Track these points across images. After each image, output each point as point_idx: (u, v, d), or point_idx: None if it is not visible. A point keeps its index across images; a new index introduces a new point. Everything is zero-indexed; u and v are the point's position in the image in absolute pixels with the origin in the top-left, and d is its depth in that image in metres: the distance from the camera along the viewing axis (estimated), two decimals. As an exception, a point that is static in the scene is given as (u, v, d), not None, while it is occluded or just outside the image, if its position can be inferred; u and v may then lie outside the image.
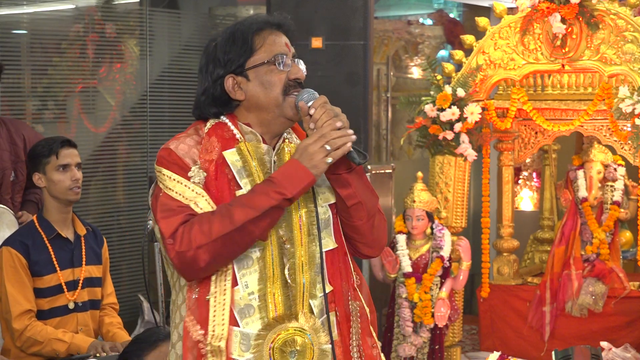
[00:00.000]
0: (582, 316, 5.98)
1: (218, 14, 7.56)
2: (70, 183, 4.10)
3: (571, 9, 5.61)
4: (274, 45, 2.59)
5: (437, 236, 5.65)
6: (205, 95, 2.63)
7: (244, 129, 2.59)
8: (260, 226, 2.44)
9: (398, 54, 8.59)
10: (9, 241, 4.16)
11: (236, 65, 2.58)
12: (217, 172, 2.52)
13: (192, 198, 2.49)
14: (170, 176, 2.52)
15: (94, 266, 4.25)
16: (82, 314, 4.19)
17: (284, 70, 2.57)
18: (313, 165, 2.44)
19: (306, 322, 2.51)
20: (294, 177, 2.44)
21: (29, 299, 4.07)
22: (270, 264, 2.50)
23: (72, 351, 4.03)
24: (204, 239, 2.42)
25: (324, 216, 2.58)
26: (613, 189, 6.32)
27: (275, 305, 2.50)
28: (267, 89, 2.57)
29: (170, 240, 2.45)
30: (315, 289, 2.54)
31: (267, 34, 2.60)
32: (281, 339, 2.49)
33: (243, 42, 2.58)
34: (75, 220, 4.25)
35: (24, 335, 4.03)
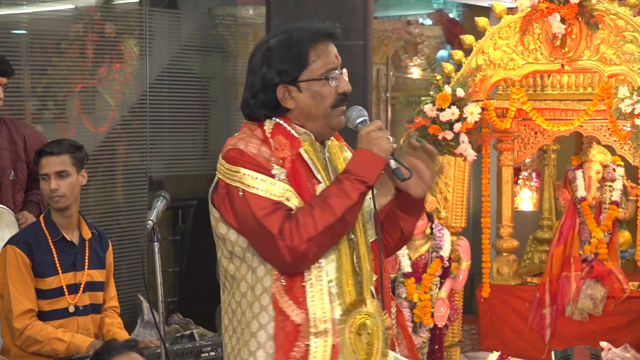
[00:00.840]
0: (582, 319, 5.98)
1: (217, 14, 7.56)
2: (48, 192, 4.12)
3: (571, 9, 5.61)
4: (327, 59, 2.70)
5: (437, 236, 5.65)
6: (255, 98, 2.72)
7: (299, 130, 2.72)
8: (354, 214, 2.63)
9: (398, 54, 8.59)
10: (13, 240, 4.16)
11: (291, 78, 2.69)
12: (293, 169, 2.65)
13: (281, 194, 2.61)
14: (253, 175, 2.61)
15: (97, 270, 4.25)
16: (82, 317, 4.19)
17: (333, 85, 2.70)
18: (382, 150, 2.62)
19: (371, 306, 2.69)
20: (369, 165, 2.61)
21: (31, 298, 4.07)
22: (344, 253, 2.67)
23: (72, 351, 4.03)
24: (312, 232, 2.56)
25: (368, 208, 2.76)
26: (612, 189, 6.33)
27: (349, 292, 2.66)
28: (317, 101, 2.70)
29: (280, 237, 2.57)
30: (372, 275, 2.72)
31: (322, 46, 2.71)
32: (357, 323, 2.66)
33: (299, 54, 2.69)
34: (81, 224, 4.25)
35: (24, 335, 4.03)
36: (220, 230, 2.68)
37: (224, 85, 7.70)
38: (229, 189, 2.63)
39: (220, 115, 7.74)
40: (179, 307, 6.99)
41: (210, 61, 7.64)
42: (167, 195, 4.03)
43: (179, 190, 7.52)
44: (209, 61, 7.63)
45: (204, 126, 7.69)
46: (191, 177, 7.66)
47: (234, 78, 7.63)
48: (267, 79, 2.68)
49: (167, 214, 7.05)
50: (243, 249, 2.66)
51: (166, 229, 7.28)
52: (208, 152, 7.74)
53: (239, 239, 2.65)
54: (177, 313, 5.77)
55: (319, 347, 2.61)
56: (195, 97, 7.36)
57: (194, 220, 7.38)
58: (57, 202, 4.12)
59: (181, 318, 5.60)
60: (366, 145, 2.63)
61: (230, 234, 2.66)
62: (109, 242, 4.37)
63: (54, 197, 4.11)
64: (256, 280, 2.65)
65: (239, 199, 2.61)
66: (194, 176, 7.66)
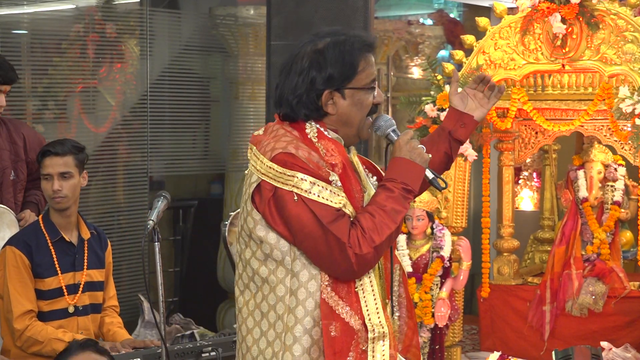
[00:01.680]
0: (582, 316, 5.98)
1: (218, 14, 7.56)
2: (50, 193, 4.11)
3: (571, 9, 5.61)
4: (372, 69, 2.77)
5: (438, 236, 5.64)
6: (297, 98, 2.73)
7: (333, 135, 2.76)
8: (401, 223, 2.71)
9: (398, 54, 8.59)
10: (13, 241, 4.16)
11: (338, 84, 2.72)
12: (343, 175, 2.70)
13: (339, 202, 2.64)
14: (310, 180, 2.63)
15: (96, 270, 4.25)
16: (82, 317, 4.19)
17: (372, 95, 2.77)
18: (424, 160, 2.72)
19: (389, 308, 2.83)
20: (414, 174, 2.72)
21: (31, 299, 4.07)
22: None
23: None
24: (378, 239, 2.63)
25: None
26: (613, 189, 6.32)
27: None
28: (358, 110, 2.76)
29: (349, 244, 2.62)
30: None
31: (369, 56, 2.77)
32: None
33: (351, 63, 2.73)
34: (80, 224, 4.25)
35: (24, 335, 4.03)
36: (259, 232, 2.67)
37: (224, 85, 7.70)
38: (279, 193, 2.63)
39: (221, 115, 7.74)
40: (179, 307, 7.00)
41: (211, 61, 7.64)
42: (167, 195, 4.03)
43: (179, 190, 7.53)
44: (209, 61, 7.64)
45: (204, 126, 7.69)
46: (192, 177, 7.67)
47: (234, 78, 7.63)
48: (315, 82, 2.71)
49: (167, 214, 7.06)
50: (283, 253, 2.66)
51: (167, 229, 7.29)
52: (209, 152, 7.74)
53: (279, 242, 2.66)
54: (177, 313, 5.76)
55: (376, 352, 2.68)
56: (196, 97, 7.37)
57: (194, 220, 7.38)
58: (59, 203, 4.12)
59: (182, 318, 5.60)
60: (407, 155, 2.72)
61: (270, 236, 2.66)
62: (107, 242, 4.37)
63: (56, 197, 4.11)
64: (298, 284, 2.66)
65: (293, 204, 2.62)
66: (195, 176, 7.67)
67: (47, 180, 4.12)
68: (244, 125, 7.62)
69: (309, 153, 2.64)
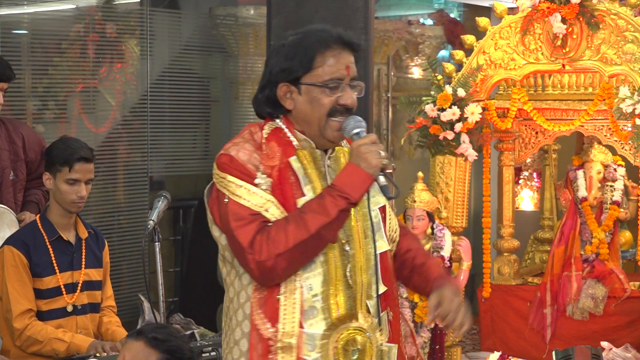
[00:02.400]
0: (583, 319, 5.98)
1: (218, 14, 7.56)
2: (74, 198, 4.08)
3: (572, 9, 5.61)
4: (333, 67, 2.63)
5: (438, 236, 5.64)
6: (262, 93, 2.70)
7: (299, 135, 2.66)
8: (332, 231, 2.55)
9: (398, 54, 8.59)
10: (10, 240, 4.15)
11: (293, 77, 2.64)
12: (281, 178, 2.60)
13: (262, 205, 2.56)
14: (237, 183, 2.58)
15: (94, 269, 4.25)
16: (81, 317, 4.19)
17: (333, 95, 2.62)
18: (370, 166, 2.54)
19: (365, 321, 2.62)
20: (355, 181, 2.55)
21: (30, 298, 4.07)
22: (334, 266, 2.60)
23: (72, 351, 4.03)
24: (282, 248, 2.51)
25: (375, 219, 2.68)
26: (613, 189, 6.32)
27: (338, 306, 2.59)
28: (314, 107, 2.64)
29: (250, 250, 2.53)
30: (371, 289, 2.64)
31: (331, 53, 2.63)
32: (344, 339, 2.59)
33: (305, 56, 2.63)
34: (78, 223, 4.24)
35: (24, 335, 4.03)
36: (214, 232, 2.67)
37: (224, 86, 7.70)
38: (218, 194, 2.62)
39: (221, 115, 7.74)
40: (179, 307, 6.99)
41: (211, 61, 7.64)
42: (168, 195, 4.03)
43: (179, 190, 7.51)
44: (209, 61, 7.63)
45: (204, 126, 7.69)
46: (192, 177, 7.66)
47: (234, 78, 7.63)
48: (272, 73, 2.66)
49: (168, 214, 7.05)
50: (232, 255, 2.63)
51: (167, 229, 7.29)
52: (209, 152, 7.74)
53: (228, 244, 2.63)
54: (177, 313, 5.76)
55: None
56: (196, 97, 7.36)
57: (194, 220, 7.37)
58: (79, 208, 4.13)
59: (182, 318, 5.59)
60: (355, 160, 2.56)
61: (222, 238, 2.64)
62: (105, 242, 4.37)
63: (78, 203, 4.10)
64: (241, 287, 2.63)
65: (223, 206, 2.59)
66: (195, 176, 7.66)
67: (72, 184, 4.07)
68: (244, 125, 7.56)
69: (249, 155, 2.60)
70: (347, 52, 2.65)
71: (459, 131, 5.85)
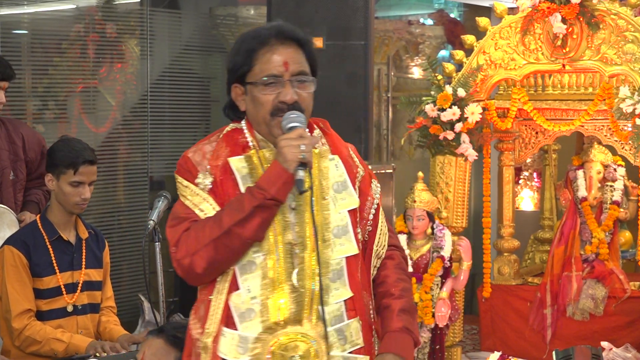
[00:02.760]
0: (583, 319, 5.98)
1: (218, 14, 7.56)
2: (78, 200, 4.09)
3: (572, 9, 5.61)
4: (269, 64, 2.54)
5: (438, 236, 5.64)
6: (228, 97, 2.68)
7: (258, 136, 2.61)
8: (249, 228, 2.45)
9: (399, 54, 8.59)
10: (11, 240, 4.16)
11: (237, 76, 2.60)
12: (223, 178, 2.55)
13: (197, 203, 2.54)
14: (183, 183, 2.59)
15: (94, 270, 4.25)
16: (81, 317, 4.19)
17: (271, 92, 2.54)
18: (285, 160, 2.45)
19: (312, 328, 2.49)
20: (272, 176, 2.46)
21: (29, 298, 4.07)
22: (274, 269, 2.49)
23: (71, 351, 4.03)
24: (197, 246, 2.47)
25: (341, 222, 2.56)
26: (613, 189, 6.32)
27: (279, 309, 2.48)
28: (257, 106, 2.57)
29: (174, 249, 2.52)
30: (329, 295, 2.50)
31: (268, 50, 2.55)
32: (281, 343, 2.47)
33: (245, 54, 2.57)
34: (78, 223, 4.24)
35: (22, 335, 4.03)
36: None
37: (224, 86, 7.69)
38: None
39: (221, 116, 7.70)
40: (179, 307, 6.98)
41: (211, 61, 7.64)
42: (168, 195, 4.03)
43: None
44: (210, 61, 7.63)
45: (205, 126, 7.69)
46: (192, 177, 7.65)
47: (235, 78, 7.62)
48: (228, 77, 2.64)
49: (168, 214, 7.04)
50: None
51: (167, 229, 7.28)
52: (209, 152, 7.73)
53: None
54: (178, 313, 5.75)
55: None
56: (196, 97, 7.36)
57: (195, 220, 7.37)
58: (82, 209, 4.14)
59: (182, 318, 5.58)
60: (276, 155, 2.49)
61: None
62: (105, 242, 4.37)
63: (82, 204, 4.11)
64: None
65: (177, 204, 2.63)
66: (195, 176, 7.65)
67: (76, 187, 4.08)
68: (244, 125, 7.61)
69: (202, 156, 2.59)
70: (286, 47, 2.56)
71: (459, 131, 5.85)
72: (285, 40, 2.56)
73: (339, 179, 2.60)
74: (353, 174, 2.64)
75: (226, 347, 2.49)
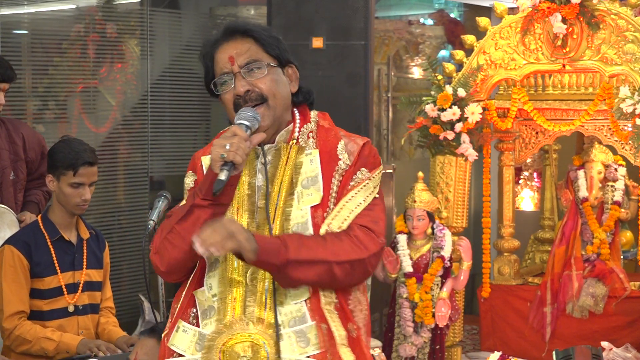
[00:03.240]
0: (582, 317, 5.98)
1: (219, 14, 7.56)
2: (79, 201, 4.09)
3: (572, 9, 5.61)
4: (219, 64, 2.54)
5: (438, 236, 5.64)
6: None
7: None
8: (185, 226, 2.45)
9: (399, 54, 8.59)
10: (12, 240, 4.15)
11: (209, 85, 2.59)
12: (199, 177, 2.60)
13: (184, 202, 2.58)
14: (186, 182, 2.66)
15: (95, 270, 4.25)
16: (82, 317, 4.18)
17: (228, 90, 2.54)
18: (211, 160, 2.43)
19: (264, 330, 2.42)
20: (205, 176, 2.48)
21: (23, 300, 4.06)
22: (232, 267, 2.47)
23: (61, 350, 4.02)
24: (156, 244, 2.53)
25: (301, 219, 2.49)
26: (614, 189, 6.32)
27: (234, 309, 2.45)
28: (225, 107, 2.59)
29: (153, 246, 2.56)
30: (286, 296, 2.44)
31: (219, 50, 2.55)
32: (231, 344, 2.42)
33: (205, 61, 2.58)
34: (79, 224, 4.25)
35: (13, 334, 4.02)
36: None
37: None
38: None
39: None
40: (180, 307, 6.99)
41: (212, 61, 7.63)
42: (168, 195, 4.03)
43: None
44: (210, 61, 7.63)
45: (205, 126, 7.69)
46: (192, 177, 7.65)
47: (235, 78, 7.62)
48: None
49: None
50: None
51: (167, 229, 7.28)
52: (209, 152, 7.73)
53: None
54: (178, 313, 5.76)
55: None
56: (196, 97, 7.36)
57: (195, 220, 7.37)
58: (82, 210, 4.14)
59: (182, 318, 5.59)
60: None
61: None
62: (105, 243, 4.37)
63: (82, 205, 4.11)
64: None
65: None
66: (195, 176, 7.65)
67: (76, 188, 4.08)
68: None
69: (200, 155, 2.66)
70: (232, 42, 2.54)
71: (459, 131, 5.85)
72: (230, 35, 2.54)
73: (311, 174, 2.52)
74: (331, 168, 2.53)
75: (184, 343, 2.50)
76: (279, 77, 2.56)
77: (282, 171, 2.53)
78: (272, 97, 2.53)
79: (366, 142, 2.59)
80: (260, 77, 2.52)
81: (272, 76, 2.53)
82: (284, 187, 2.51)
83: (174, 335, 2.52)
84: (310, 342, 2.43)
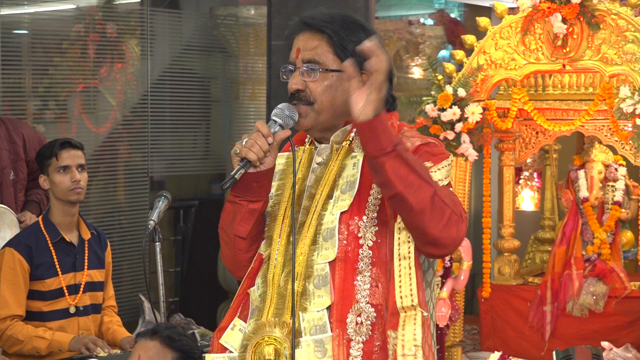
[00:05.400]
0: (582, 316, 5.98)
1: (219, 14, 7.56)
2: (70, 184, 4.08)
3: (572, 9, 5.61)
4: (291, 51, 2.47)
5: (438, 236, 5.63)
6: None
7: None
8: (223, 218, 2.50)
9: (399, 54, 8.59)
10: (13, 242, 4.15)
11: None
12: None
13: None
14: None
15: (96, 270, 4.25)
16: (83, 318, 4.18)
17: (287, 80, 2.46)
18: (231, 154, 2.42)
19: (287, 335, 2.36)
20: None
21: (20, 303, 4.05)
22: (272, 268, 2.42)
23: (54, 348, 4.01)
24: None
25: (331, 225, 2.38)
26: (614, 189, 6.32)
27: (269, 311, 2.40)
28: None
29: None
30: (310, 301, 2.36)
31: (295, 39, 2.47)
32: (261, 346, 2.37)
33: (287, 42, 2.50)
34: (80, 224, 4.24)
35: (5, 335, 4.02)
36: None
37: (225, 85, 7.70)
38: None
39: (222, 115, 7.74)
40: (180, 307, 6.99)
41: (212, 61, 7.64)
42: (168, 195, 4.03)
43: (180, 190, 7.52)
44: (210, 61, 7.64)
45: (205, 126, 7.70)
46: (192, 177, 7.67)
47: (235, 78, 7.63)
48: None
49: (168, 214, 7.05)
50: None
51: (167, 229, 7.29)
52: (209, 152, 7.74)
53: None
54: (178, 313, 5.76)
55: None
56: (196, 97, 7.37)
57: (195, 220, 7.38)
58: (78, 194, 4.11)
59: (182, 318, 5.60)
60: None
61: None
62: (107, 242, 4.37)
63: (76, 188, 4.10)
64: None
65: None
66: (196, 176, 7.66)
67: (64, 172, 4.09)
68: (244, 125, 7.63)
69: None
70: (308, 34, 2.44)
71: (459, 131, 5.85)
72: (305, 26, 2.46)
73: (351, 179, 2.40)
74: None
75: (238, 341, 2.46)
76: (336, 84, 2.43)
77: (328, 173, 2.44)
78: (321, 102, 2.41)
79: (425, 143, 2.42)
80: (314, 79, 2.41)
81: (328, 82, 2.42)
82: (325, 190, 2.42)
83: (228, 332, 2.48)
84: (326, 354, 2.34)
